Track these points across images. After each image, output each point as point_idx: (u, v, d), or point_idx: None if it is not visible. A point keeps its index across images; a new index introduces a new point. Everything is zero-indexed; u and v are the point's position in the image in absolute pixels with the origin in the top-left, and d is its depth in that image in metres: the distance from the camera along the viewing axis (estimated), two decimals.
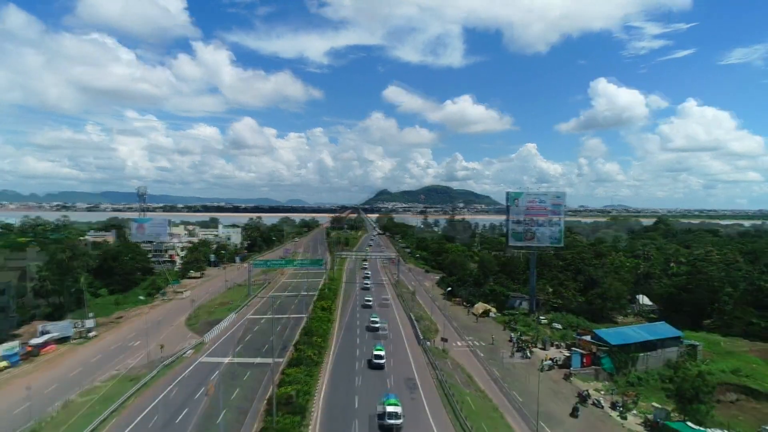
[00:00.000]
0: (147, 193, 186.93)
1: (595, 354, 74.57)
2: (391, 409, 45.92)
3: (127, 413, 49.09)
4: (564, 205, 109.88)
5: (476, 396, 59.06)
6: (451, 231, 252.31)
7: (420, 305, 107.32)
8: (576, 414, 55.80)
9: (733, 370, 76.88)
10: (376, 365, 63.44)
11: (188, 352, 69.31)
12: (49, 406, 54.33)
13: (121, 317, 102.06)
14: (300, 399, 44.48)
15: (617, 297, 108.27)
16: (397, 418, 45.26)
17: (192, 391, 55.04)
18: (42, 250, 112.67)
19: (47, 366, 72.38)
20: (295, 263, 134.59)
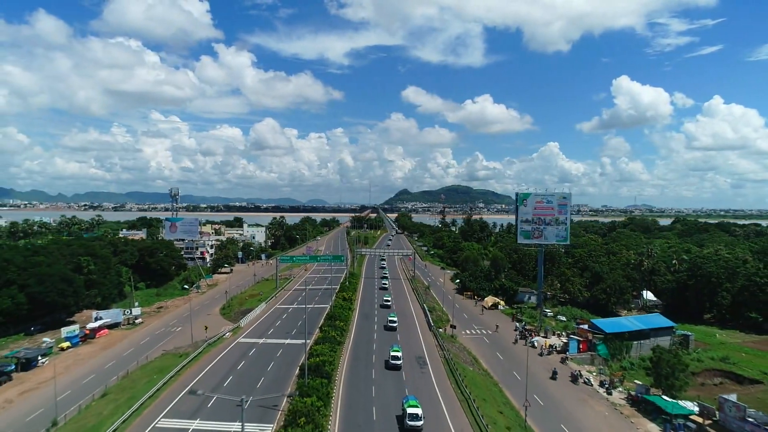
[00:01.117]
0: (179, 194, 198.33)
1: (591, 341, 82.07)
2: (412, 411, 45.60)
3: (181, 380, 58.50)
4: (570, 205, 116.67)
5: (478, 373, 67.36)
6: (468, 230, 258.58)
7: (433, 298, 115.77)
8: (554, 377, 66.85)
9: (722, 358, 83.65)
10: (393, 366, 62.58)
11: (227, 334, 79.04)
12: (112, 377, 64.29)
13: (162, 307, 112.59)
14: (327, 367, 53.27)
15: (621, 292, 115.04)
16: (417, 419, 44.89)
17: (234, 363, 64.50)
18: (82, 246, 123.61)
19: (103, 346, 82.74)
20: (318, 259, 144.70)
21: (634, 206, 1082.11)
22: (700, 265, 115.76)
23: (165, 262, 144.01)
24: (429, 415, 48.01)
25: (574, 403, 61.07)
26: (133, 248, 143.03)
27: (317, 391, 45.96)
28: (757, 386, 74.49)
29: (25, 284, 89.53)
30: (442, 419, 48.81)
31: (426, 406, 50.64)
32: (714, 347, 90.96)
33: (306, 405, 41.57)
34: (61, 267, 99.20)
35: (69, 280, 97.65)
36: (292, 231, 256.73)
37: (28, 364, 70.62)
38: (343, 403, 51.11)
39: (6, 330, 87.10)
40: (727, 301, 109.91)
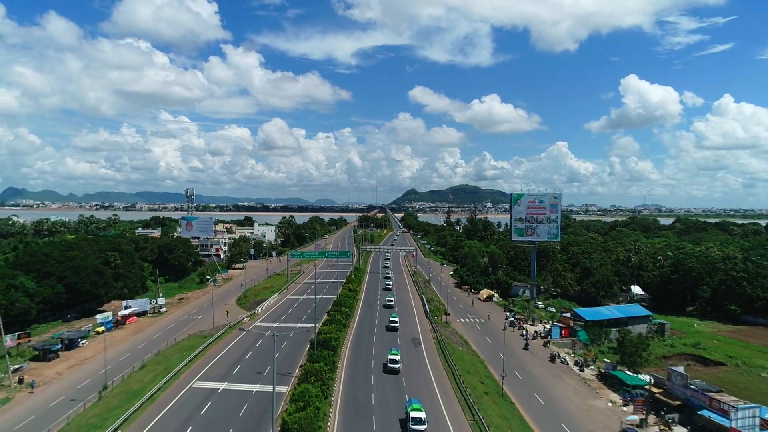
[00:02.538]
0: (194, 194, 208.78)
1: (572, 328, 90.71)
2: (415, 415, 44.99)
3: (209, 354, 68.08)
4: (560, 204, 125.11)
5: (467, 353, 76.34)
6: (472, 229, 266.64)
7: (433, 290, 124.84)
8: (527, 347, 79.71)
9: (694, 344, 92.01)
10: (391, 370, 60.85)
11: (245, 319, 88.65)
12: (146, 354, 73.90)
13: (182, 298, 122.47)
14: (333, 342, 62.51)
15: (609, 286, 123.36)
16: (421, 423, 44.14)
17: (252, 342, 74.08)
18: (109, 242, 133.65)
19: (134, 331, 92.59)
20: (326, 255, 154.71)
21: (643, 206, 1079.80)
22: (682, 261, 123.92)
23: (183, 258, 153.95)
24: (418, 380, 57.12)
25: (549, 378, 69.88)
26: (152, 245, 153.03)
27: (324, 359, 55.12)
28: (719, 367, 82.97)
29: (63, 276, 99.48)
30: (430, 385, 57.88)
31: (417, 375, 59.89)
32: (690, 335, 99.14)
33: (315, 368, 50.75)
34: (92, 261, 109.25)
35: (100, 273, 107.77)
36: (301, 230, 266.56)
37: (71, 345, 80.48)
38: (346, 370, 60.45)
39: (46, 317, 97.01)
40: (707, 294, 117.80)
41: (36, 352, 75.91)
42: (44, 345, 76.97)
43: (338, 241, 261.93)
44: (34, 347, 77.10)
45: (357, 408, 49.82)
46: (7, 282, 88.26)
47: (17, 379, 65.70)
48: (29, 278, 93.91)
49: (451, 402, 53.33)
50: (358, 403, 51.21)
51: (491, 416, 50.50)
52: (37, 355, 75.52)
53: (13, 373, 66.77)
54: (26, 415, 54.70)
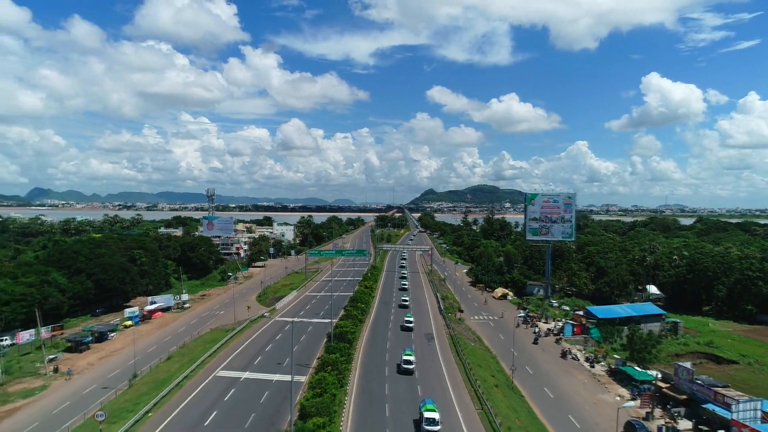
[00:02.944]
0: (214, 194, 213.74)
1: (584, 325, 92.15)
2: (428, 415, 44.59)
3: (231, 346, 71.41)
4: (575, 204, 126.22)
5: (480, 348, 78.48)
6: (488, 229, 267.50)
7: (448, 289, 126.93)
8: (536, 342, 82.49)
9: (707, 342, 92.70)
10: (405, 370, 60.36)
11: (265, 314, 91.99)
12: (171, 347, 77.55)
13: (204, 295, 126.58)
14: (349, 335, 65.27)
15: (623, 285, 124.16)
16: (434, 424, 43.80)
17: (272, 335, 77.31)
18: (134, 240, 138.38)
19: (159, 325, 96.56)
20: (343, 253, 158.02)
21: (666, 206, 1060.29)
22: (698, 260, 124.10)
23: (204, 257, 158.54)
24: (430, 374, 59.56)
25: (559, 373, 71.68)
26: (175, 243, 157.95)
27: (340, 351, 57.88)
28: (732, 366, 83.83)
29: (92, 272, 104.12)
30: (442, 377, 60.25)
31: (429, 368, 62.29)
32: (704, 334, 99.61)
33: (332, 359, 53.51)
34: (119, 258, 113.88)
35: (127, 270, 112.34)
36: (319, 229, 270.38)
37: (101, 337, 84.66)
38: (361, 363, 63.17)
39: (76, 312, 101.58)
40: (723, 293, 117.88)
41: (69, 343, 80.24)
42: (76, 337, 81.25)
43: (355, 241, 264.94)
44: (67, 339, 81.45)
45: (371, 397, 52.45)
46: (41, 278, 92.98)
47: (53, 368, 69.79)
48: (61, 274, 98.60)
49: (461, 393, 55.59)
50: (372, 392, 53.84)
51: (500, 407, 52.67)
52: (69, 346, 79.81)
53: (48, 363, 70.94)
54: (62, 401, 58.49)
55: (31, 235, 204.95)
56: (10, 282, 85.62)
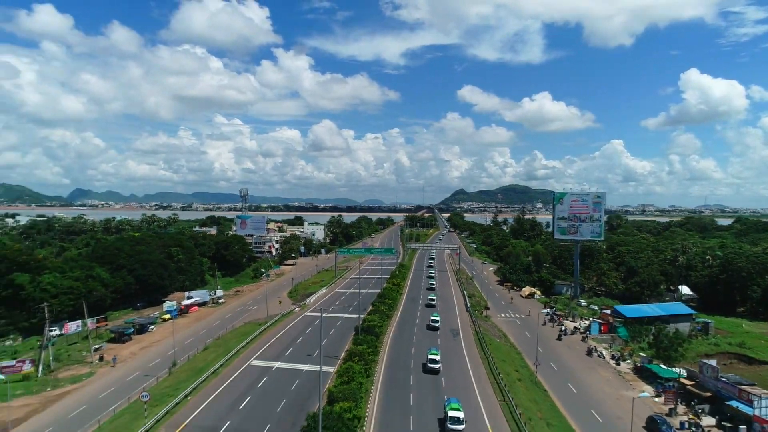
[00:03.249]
0: (247, 194, 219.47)
1: (611, 324, 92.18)
2: (453, 414, 44.49)
3: (264, 339, 74.72)
4: (604, 203, 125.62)
5: (505, 344, 79.73)
6: (518, 228, 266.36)
7: (475, 287, 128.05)
8: (560, 338, 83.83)
9: (739, 343, 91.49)
10: (431, 370, 59.77)
11: (296, 309, 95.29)
12: (207, 339, 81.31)
13: (238, 291, 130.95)
14: (376, 329, 67.58)
15: (654, 285, 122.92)
16: (459, 423, 43.54)
17: (303, 329, 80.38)
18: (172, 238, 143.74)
19: (195, 319, 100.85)
20: (371, 252, 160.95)
21: (705, 206, 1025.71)
22: (731, 260, 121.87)
23: (238, 255, 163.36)
24: (454, 367, 61.31)
25: (584, 370, 72.38)
26: (210, 242, 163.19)
27: (367, 343, 60.19)
28: (763, 366, 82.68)
29: (133, 268, 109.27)
30: (466, 371, 61.95)
31: (454, 362, 63.99)
32: (736, 335, 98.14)
33: (359, 350, 55.87)
34: (157, 255, 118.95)
35: (165, 266, 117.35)
36: (349, 229, 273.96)
37: (142, 329, 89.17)
38: (389, 352, 65.48)
39: (117, 305, 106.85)
40: (758, 294, 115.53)
41: (112, 334, 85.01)
42: (119, 329, 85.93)
43: (384, 240, 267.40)
44: (110, 330, 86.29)
45: (396, 386, 54.65)
46: (86, 272, 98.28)
47: (98, 357, 74.30)
48: (104, 270, 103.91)
49: (484, 386, 57.19)
50: (398, 382, 56.04)
51: (521, 399, 54.09)
52: (113, 337, 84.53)
53: (94, 352, 75.52)
54: (108, 386, 62.54)
55: (74, 233, 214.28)
56: (58, 276, 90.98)
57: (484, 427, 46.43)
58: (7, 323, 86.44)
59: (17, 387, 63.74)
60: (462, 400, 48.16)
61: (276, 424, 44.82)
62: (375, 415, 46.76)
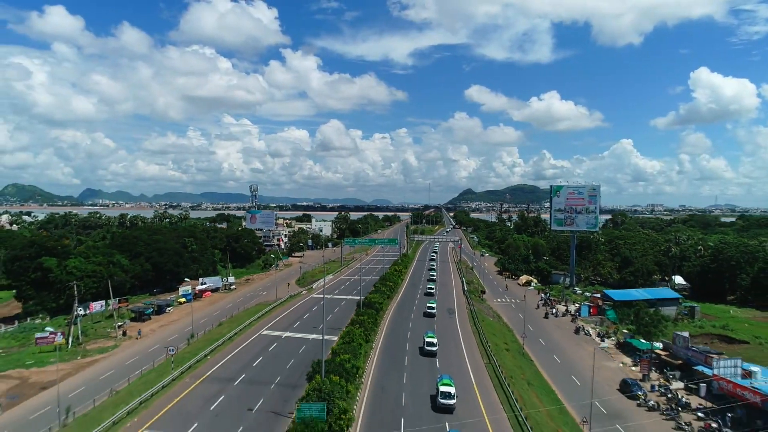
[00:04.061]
0: (257, 189, 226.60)
1: (600, 307, 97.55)
2: (444, 389, 45.19)
3: (274, 314, 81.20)
4: (599, 196, 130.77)
5: (497, 323, 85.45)
6: (522, 225, 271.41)
7: (474, 276, 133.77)
8: (547, 317, 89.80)
9: (722, 326, 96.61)
10: (428, 352, 60.44)
11: (303, 292, 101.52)
12: (222, 318, 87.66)
13: (249, 279, 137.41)
14: (378, 305, 73.62)
15: (648, 275, 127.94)
16: (450, 398, 44.19)
17: (309, 307, 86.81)
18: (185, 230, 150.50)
19: (209, 303, 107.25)
20: (375, 242, 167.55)
21: (715, 206, 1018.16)
22: (722, 250, 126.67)
23: (248, 247, 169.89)
24: (447, 338, 67.11)
25: (570, 345, 78.03)
26: (222, 234, 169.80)
27: (368, 315, 66.20)
28: (742, 345, 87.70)
29: (150, 256, 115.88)
30: (458, 344, 67.72)
31: (448, 337, 69.78)
32: (722, 319, 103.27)
33: (360, 319, 61.91)
34: (173, 244, 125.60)
35: (180, 254, 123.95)
36: (356, 224, 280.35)
37: (160, 310, 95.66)
38: (387, 327, 71.50)
39: (136, 290, 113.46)
40: (746, 282, 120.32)
41: (133, 314, 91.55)
42: (139, 308, 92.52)
43: (390, 235, 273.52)
44: (131, 310, 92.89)
45: (393, 350, 60.69)
46: (107, 259, 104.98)
47: (122, 332, 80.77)
48: (123, 257, 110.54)
49: (473, 353, 63.02)
50: (395, 346, 62.16)
51: (507, 364, 59.79)
52: (133, 316, 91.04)
53: (118, 328, 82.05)
54: (133, 355, 68.85)
55: (90, 227, 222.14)
56: (83, 261, 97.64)
57: (469, 381, 52.24)
58: (36, 303, 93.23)
59: (50, 356, 70.28)
60: (452, 361, 54.03)
61: (285, 377, 51.02)
62: (373, 370, 52.82)
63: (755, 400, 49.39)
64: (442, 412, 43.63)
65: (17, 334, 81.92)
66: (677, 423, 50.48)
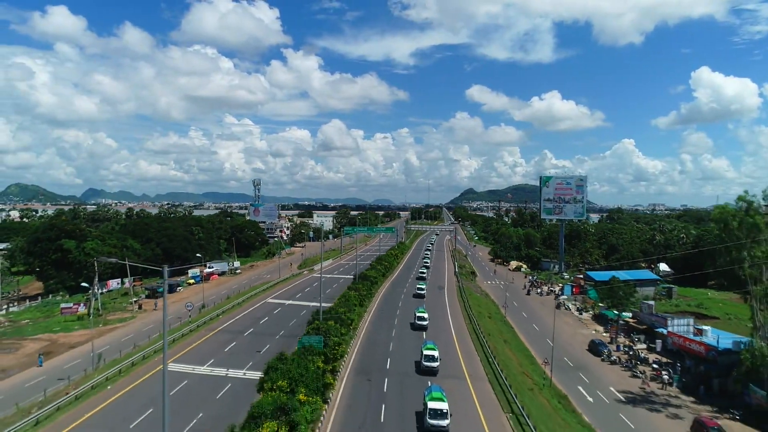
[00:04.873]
0: (260, 184, 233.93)
1: (583, 287, 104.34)
2: (428, 353, 46.34)
3: (275, 289, 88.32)
4: (586, 186, 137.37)
5: (484, 299, 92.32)
6: (519, 219, 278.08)
7: (468, 262, 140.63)
8: (528, 293, 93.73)
9: (697, 304, 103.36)
10: (419, 327, 61.51)
11: (305, 272, 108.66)
12: (230, 295, 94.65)
13: (253, 266, 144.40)
14: (373, 278, 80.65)
15: (632, 261, 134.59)
16: (433, 360, 44.75)
17: (310, 283, 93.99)
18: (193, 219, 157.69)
19: (217, 284, 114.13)
20: (374, 230, 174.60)
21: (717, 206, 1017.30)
22: (702, 237, 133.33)
23: (251, 238, 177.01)
24: (438, 313, 74.14)
25: (550, 317, 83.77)
26: (226, 226, 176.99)
27: (363, 285, 73.15)
28: (713, 320, 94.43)
29: (160, 241, 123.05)
30: (446, 313, 74.55)
31: (437, 308, 76.64)
32: (699, 300, 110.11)
33: (356, 286, 68.85)
34: (181, 231, 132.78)
35: (188, 240, 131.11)
36: (356, 218, 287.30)
37: (171, 289, 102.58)
38: (382, 297, 78.49)
39: (145, 275, 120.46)
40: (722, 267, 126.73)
41: (146, 291, 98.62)
42: (152, 286, 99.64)
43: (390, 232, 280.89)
44: (145, 288, 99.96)
45: (385, 314, 67.59)
46: (121, 243, 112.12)
47: (137, 306, 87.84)
48: (135, 242, 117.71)
49: (458, 318, 69.94)
50: (387, 310, 69.14)
51: (487, 326, 66.68)
52: (147, 294, 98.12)
53: (134, 302, 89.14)
54: (148, 324, 75.64)
55: (98, 221, 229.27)
56: (99, 243, 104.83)
57: (450, 336, 59.18)
58: (57, 282, 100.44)
59: (74, 324, 77.37)
60: (437, 323, 60.83)
61: (288, 331, 58.23)
62: (366, 327, 59.85)
63: (700, 350, 56.28)
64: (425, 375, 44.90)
65: (41, 308, 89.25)
66: (633, 372, 57.40)
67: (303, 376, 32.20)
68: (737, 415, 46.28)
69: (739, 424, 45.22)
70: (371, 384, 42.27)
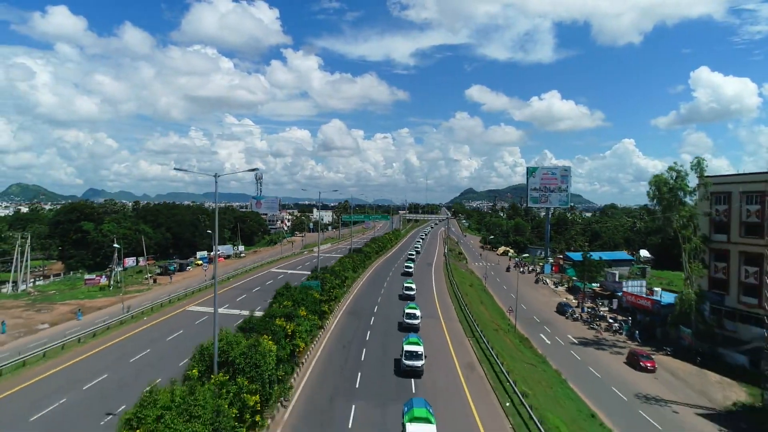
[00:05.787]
0: (262, 178, 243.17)
1: (562, 266, 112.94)
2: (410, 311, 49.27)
3: (279, 262, 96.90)
4: (570, 176, 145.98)
5: (470, 275, 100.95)
6: (513, 214, 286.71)
7: (458, 247, 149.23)
8: (508, 270, 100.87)
9: (668, 283, 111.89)
10: (407, 296, 64.21)
11: (305, 252, 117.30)
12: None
13: (257, 251, 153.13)
14: (367, 252, 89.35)
15: (614, 247, 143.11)
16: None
17: (309, 259, 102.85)
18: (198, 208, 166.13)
19: (224, 265, 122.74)
20: (370, 218, 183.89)
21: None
22: None
23: (254, 227, 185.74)
24: (424, 282, 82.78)
25: (527, 289, 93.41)
26: (230, 216, 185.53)
27: (358, 258, 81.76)
28: None
29: (170, 227, 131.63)
30: (430, 282, 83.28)
31: (424, 281, 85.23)
32: (670, 279, 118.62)
33: (350, 256, 77.48)
34: (189, 218, 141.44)
35: (195, 226, 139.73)
36: (356, 211, 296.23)
37: (181, 268, 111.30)
38: (372, 271, 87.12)
39: (157, 257, 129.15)
40: None
41: (159, 269, 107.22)
42: (165, 265, 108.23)
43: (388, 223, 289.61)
44: (158, 266, 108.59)
45: (377, 280, 76.25)
46: (135, 227, 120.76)
47: (152, 280, 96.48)
48: (147, 226, 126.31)
49: (441, 285, 78.73)
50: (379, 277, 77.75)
51: (467, 292, 75.27)
52: (160, 272, 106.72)
53: (150, 277, 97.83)
54: (165, 293, 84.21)
55: (106, 213, 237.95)
56: (115, 225, 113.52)
57: (432, 297, 67.93)
58: (76, 261, 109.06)
59: (98, 293, 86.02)
60: (423, 288, 69.40)
61: None
62: (359, 287, 68.64)
63: (647, 305, 65.05)
64: (406, 331, 46.95)
65: (65, 282, 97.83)
66: (591, 326, 66.11)
67: (304, 300, 40.79)
68: (669, 351, 55.04)
69: (670, 357, 54.00)
70: (359, 320, 50.95)
